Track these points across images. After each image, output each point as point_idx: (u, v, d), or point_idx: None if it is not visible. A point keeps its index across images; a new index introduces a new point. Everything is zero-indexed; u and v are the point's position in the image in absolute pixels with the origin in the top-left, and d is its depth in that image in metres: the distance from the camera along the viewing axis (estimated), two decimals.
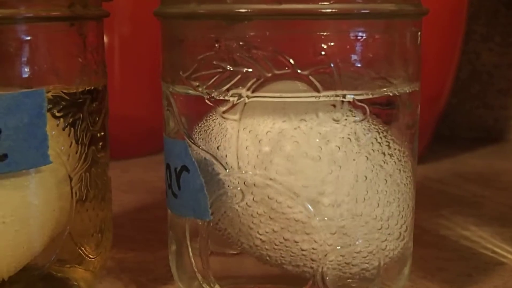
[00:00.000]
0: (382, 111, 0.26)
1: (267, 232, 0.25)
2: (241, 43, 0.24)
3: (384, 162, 0.26)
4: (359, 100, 0.25)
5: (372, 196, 0.25)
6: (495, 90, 0.65)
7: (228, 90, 0.25)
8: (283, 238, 0.25)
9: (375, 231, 0.26)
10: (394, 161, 0.26)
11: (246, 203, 0.25)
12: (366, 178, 0.25)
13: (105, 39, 0.30)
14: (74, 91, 0.27)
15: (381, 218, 0.26)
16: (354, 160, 0.25)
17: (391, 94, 0.26)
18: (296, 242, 0.25)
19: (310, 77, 0.24)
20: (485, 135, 0.65)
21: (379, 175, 0.25)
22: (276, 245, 0.25)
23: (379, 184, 0.25)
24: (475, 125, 0.66)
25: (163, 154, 0.28)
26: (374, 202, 0.25)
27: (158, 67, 0.28)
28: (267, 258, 0.26)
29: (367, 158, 0.25)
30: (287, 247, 0.25)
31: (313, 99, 0.24)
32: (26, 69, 0.26)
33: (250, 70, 0.24)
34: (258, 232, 0.25)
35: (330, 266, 0.26)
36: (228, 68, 0.25)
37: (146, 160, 0.56)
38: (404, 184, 0.27)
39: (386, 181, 0.26)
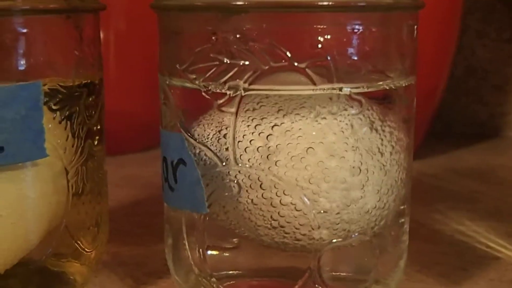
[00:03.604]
0: (378, 104, 0.26)
1: (264, 225, 0.25)
2: (238, 36, 0.24)
3: (381, 155, 0.26)
4: (355, 93, 0.25)
5: (368, 189, 0.25)
6: (490, 86, 0.65)
7: (225, 83, 0.25)
8: (280, 230, 0.25)
9: (372, 224, 0.26)
10: (390, 155, 0.26)
11: (243, 196, 0.25)
12: (362, 171, 0.25)
13: (101, 33, 0.30)
14: (71, 84, 0.27)
15: (378, 211, 0.26)
16: (350, 153, 0.25)
17: (387, 88, 0.26)
18: (293, 234, 0.25)
19: (307, 69, 0.24)
20: (480, 131, 0.65)
21: (376, 168, 0.25)
22: (273, 237, 0.25)
23: (375, 177, 0.25)
24: (470, 121, 0.66)
25: (159, 149, 0.28)
26: (370, 194, 0.25)
27: (154, 61, 0.28)
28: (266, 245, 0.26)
29: (364, 151, 0.25)
30: (284, 239, 0.25)
31: (310, 92, 0.24)
32: (22, 62, 0.26)
33: (247, 62, 0.24)
34: (255, 224, 0.25)
35: (326, 258, 0.26)
36: (225, 61, 0.25)
37: (142, 155, 0.56)
38: (400, 178, 0.27)
39: (383, 174, 0.26)
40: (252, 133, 0.25)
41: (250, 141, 0.25)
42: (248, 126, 0.25)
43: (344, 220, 0.25)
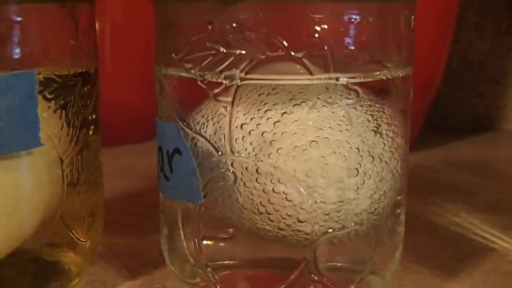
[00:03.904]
0: (375, 95, 0.26)
1: (250, 209, 0.25)
2: (234, 25, 0.24)
3: (377, 146, 0.26)
4: (352, 83, 0.25)
5: (362, 192, 0.25)
6: (487, 79, 0.65)
7: (221, 72, 0.25)
8: (276, 220, 0.25)
9: (367, 215, 0.26)
10: (387, 145, 0.26)
11: (239, 186, 0.25)
12: (359, 173, 0.25)
13: (97, 24, 0.30)
14: (66, 73, 0.27)
15: (373, 201, 0.26)
16: (346, 143, 0.25)
17: (384, 78, 0.26)
18: (288, 225, 0.25)
19: (303, 59, 0.24)
20: (477, 124, 0.65)
21: (373, 172, 0.25)
22: (268, 227, 0.25)
23: (371, 168, 0.25)
24: (467, 114, 0.66)
25: (155, 140, 0.28)
26: (366, 185, 0.25)
27: (150, 52, 0.28)
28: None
29: (360, 141, 0.25)
30: (266, 226, 0.25)
31: (306, 82, 0.24)
32: (17, 51, 0.26)
33: (243, 52, 0.24)
34: (241, 207, 0.25)
35: (322, 249, 0.26)
36: (221, 50, 0.24)
37: (138, 146, 0.55)
38: (396, 169, 0.27)
39: (379, 165, 0.26)
40: (248, 123, 0.25)
41: (245, 131, 0.25)
42: (244, 115, 0.25)
43: (332, 219, 0.25)
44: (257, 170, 0.25)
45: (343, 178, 0.25)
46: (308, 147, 0.24)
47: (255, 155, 0.25)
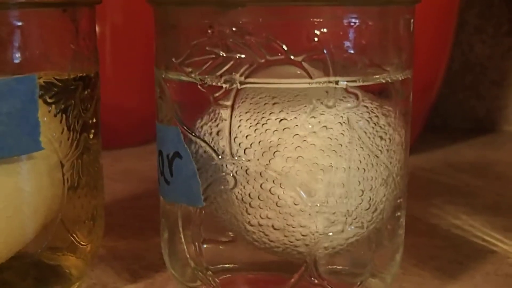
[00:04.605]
0: (375, 98, 0.26)
1: (259, 218, 0.25)
2: (234, 29, 0.24)
3: (377, 149, 0.26)
4: (352, 87, 0.25)
5: (364, 183, 0.25)
6: (488, 81, 0.65)
7: (221, 76, 0.25)
8: (276, 224, 0.25)
9: (368, 218, 0.26)
10: (387, 149, 0.26)
11: (239, 190, 0.25)
12: (358, 164, 0.25)
13: (97, 27, 0.30)
14: (66, 77, 0.27)
15: (373, 205, 0.26)
16: (346, 146, 0.25)
17: (384, 81, 0.26)
18: (288, 228, 0.25)
19: (303, 63, 0.24)
20: (478, 126, 0.65)
21: (372, 161, 0.25)
22: (268, 231, 0.25)
23: (371, 171, 0.25)
24: (468, 116, 0.66)
25: (156, 143, 0.28)
26: (367, 189, 0.25)
27: (150, 55, 0.28)
28: (260, 243, 0.26)
29: (360, 144, 0.25)
30: (279, 233, 0.25)
31: (306, 85, 0.24)
32: (18, 55, 0.26)
33: (243, 56, 0.24)
34: (250, 218, 0.25)
35: (322, 252, 0.26)
36: (221, 54, 0.24)
37: (139, 149, 0.56)
38: (396, 172, 0.27)
39: (379, 168, 0.26)
40: (248, 126, 0.25)
41: (246, 134, 0.25)
42: (244, 119, 0.25)
43: (340, 214, 0.25)
44: (258, 174, 0.25)
45: (345, 174, 0.25)
46: (307, 151, 0.24)
47: (256, 159, 0.25)
